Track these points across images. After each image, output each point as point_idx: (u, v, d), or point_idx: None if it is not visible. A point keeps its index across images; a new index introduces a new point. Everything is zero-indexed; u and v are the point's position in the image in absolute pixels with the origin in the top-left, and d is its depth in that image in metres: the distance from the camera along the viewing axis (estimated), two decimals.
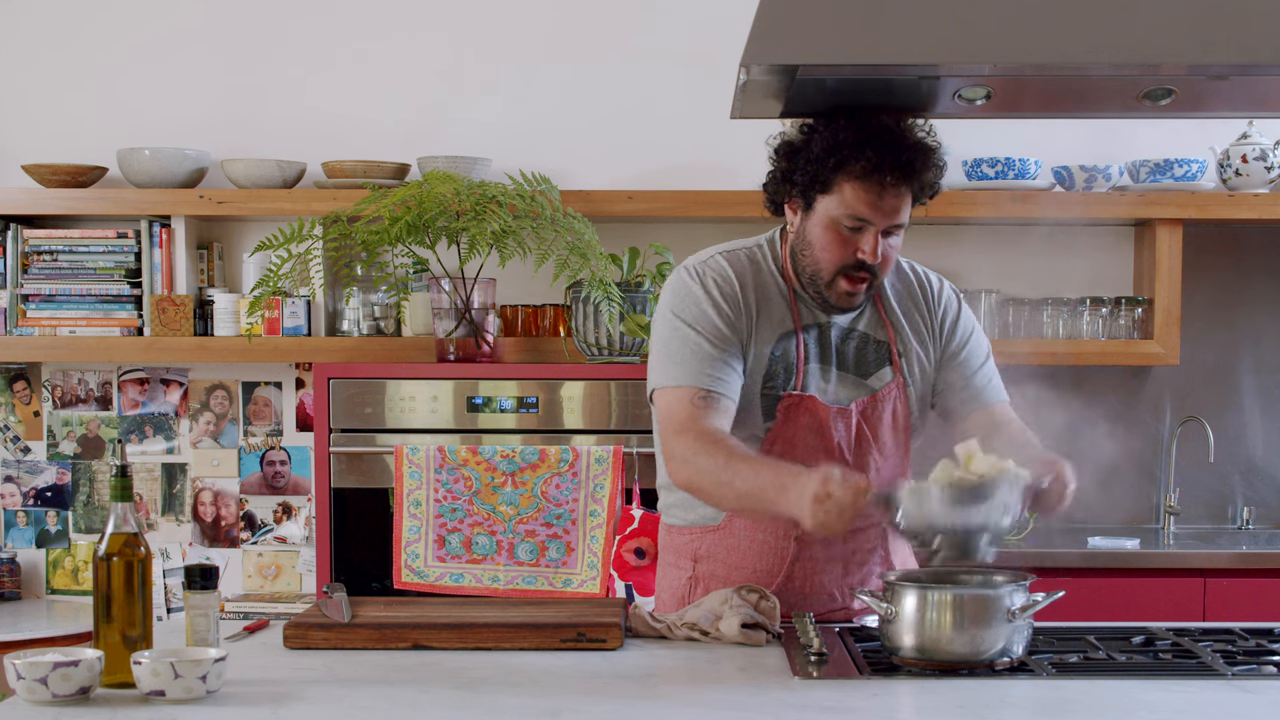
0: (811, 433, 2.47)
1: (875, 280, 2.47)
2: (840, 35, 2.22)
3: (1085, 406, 4.22)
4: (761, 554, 2.51)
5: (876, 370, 2.54)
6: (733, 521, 2.52)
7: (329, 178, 4.08)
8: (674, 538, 2.61)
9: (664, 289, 2.54)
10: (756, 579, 2.51)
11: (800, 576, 2.51)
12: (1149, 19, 2.20)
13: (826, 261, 2.44)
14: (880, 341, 2.55)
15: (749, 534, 2.51)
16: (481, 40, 4.24)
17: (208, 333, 4.13)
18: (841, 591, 2.53)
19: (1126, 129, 4.13)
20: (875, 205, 2.40)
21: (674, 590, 2.60)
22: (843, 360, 2.52)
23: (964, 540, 2.14)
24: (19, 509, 4.32)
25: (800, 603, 2.50)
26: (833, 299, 2.47)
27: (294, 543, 4.28)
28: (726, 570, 2.53)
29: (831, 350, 2.52)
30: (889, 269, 2.49)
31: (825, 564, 2.52)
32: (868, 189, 2.39)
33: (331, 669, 2.14)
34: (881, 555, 2.57)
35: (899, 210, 2.42)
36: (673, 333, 2.46)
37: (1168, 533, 4.11)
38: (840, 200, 2.41)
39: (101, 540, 2.06)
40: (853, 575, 2.54)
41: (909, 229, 2.51)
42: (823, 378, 2.50)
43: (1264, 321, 4.24)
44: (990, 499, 2.13)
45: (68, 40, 4.29)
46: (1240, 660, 2.18)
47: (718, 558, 2.54)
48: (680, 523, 2.59)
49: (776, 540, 2.50)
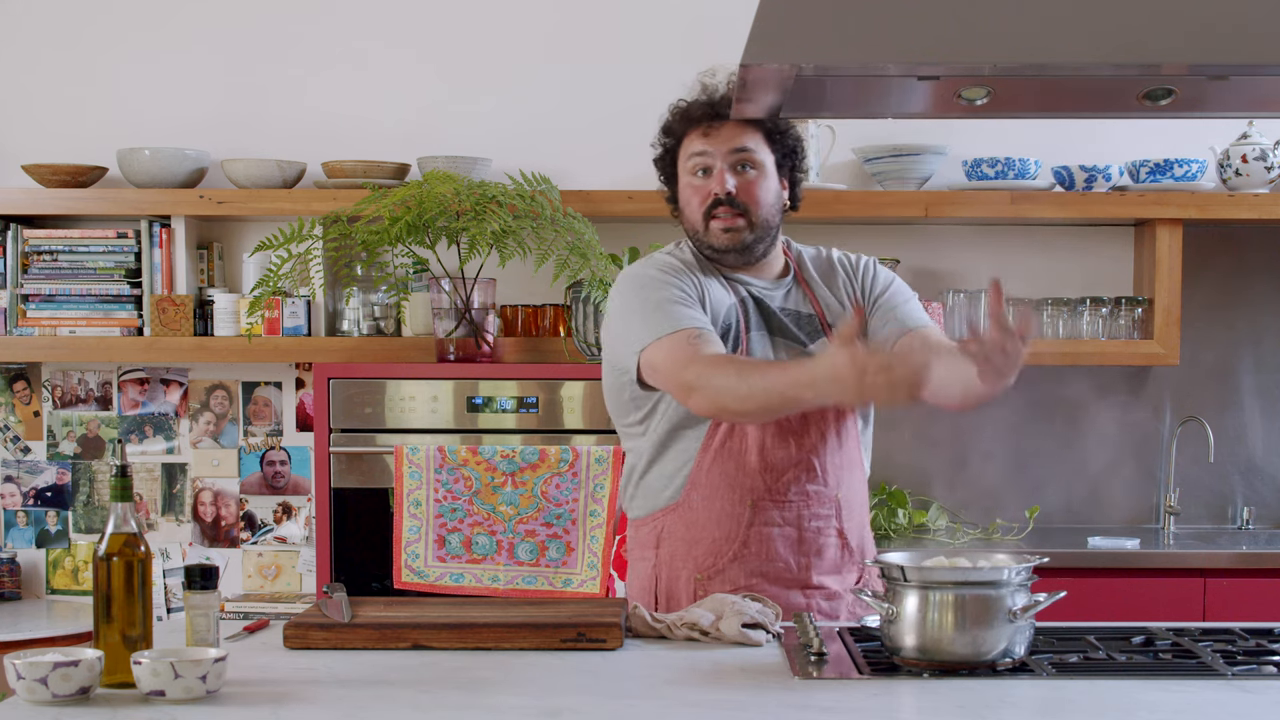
0: None
1: (749, 217, 2.59)
2: (840, 35, 2.22)
3: (1085, 406, 4.25)
4: (719, 522, 2.57)
5: (813, 341, 2.64)
6: (690, 496, 2.59)
7: (329, 178, 4.08)
8: (637, 531, 2.69)
9: (611, 294, 2.66)
10: (715, 548, 2.57)
11: (756, 542, 2.57)
12: (1149, 19, 2.20)
13: (693, 210, 2.62)
14: (809, 315, 2.66)
15: (706, 505, 2.58)
16: (481, 40, 4.24)
17: (208, 333, 4.13)
18: (798, 561, 2.59)
19: (1126, 129, 4.14)
20: (708, 135, 2.59)
21: (641, 583, 2.66)
22: (783, 330, 2.63)
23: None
24: (19, 509, 4.32)
25: (758, 570, 2.57)
26: (715, 243, 2.61)
27: (294, 543, 4.28)
28: (687, 546, 2.60)
29: (769, 321, 2.63)
30: (758, 204, 2.60)
31: (780, 529, 2.57)
32: (698, 126, 2.60)
33: (331, 669, 2.14)
34: (837, 528, 2.62)
35: (736, 138, 2.59)
36: (640, 302, 2.57)
37: (1168, 533, 4.11)
38: (684, 154, 2.63)
39: (101, 540, 2.06)
40: (808, 544, 2.59)
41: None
42: (767, 345, 2.61)
43: (1264, 321, 4.24)
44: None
45: (68, 40, 4.29)
46: (1240, 660, 2.18)
47: (677, 535, 2.61)
48: (642, 514, 2.67)
49: (733, 507, 2.57)
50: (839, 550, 2.63)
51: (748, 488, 2.56)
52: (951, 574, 2.12)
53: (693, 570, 2.60)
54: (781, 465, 2.56)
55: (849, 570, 2.65)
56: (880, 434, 4.20)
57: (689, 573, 2.60)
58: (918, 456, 4.25)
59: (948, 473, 4.25)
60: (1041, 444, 4.26)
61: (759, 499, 2.57)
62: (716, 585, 2.57)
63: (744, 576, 2.57)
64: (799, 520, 2.59)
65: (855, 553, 2.66)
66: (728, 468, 2.56)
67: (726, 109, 2.58)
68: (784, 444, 2.56)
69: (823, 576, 2.61)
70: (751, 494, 2.57)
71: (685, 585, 2.60)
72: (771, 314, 2.64)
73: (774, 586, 2.57)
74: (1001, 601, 2.09)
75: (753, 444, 2.56)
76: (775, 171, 2.64)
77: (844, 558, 2.63)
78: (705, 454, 2.58)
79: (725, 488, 2.57)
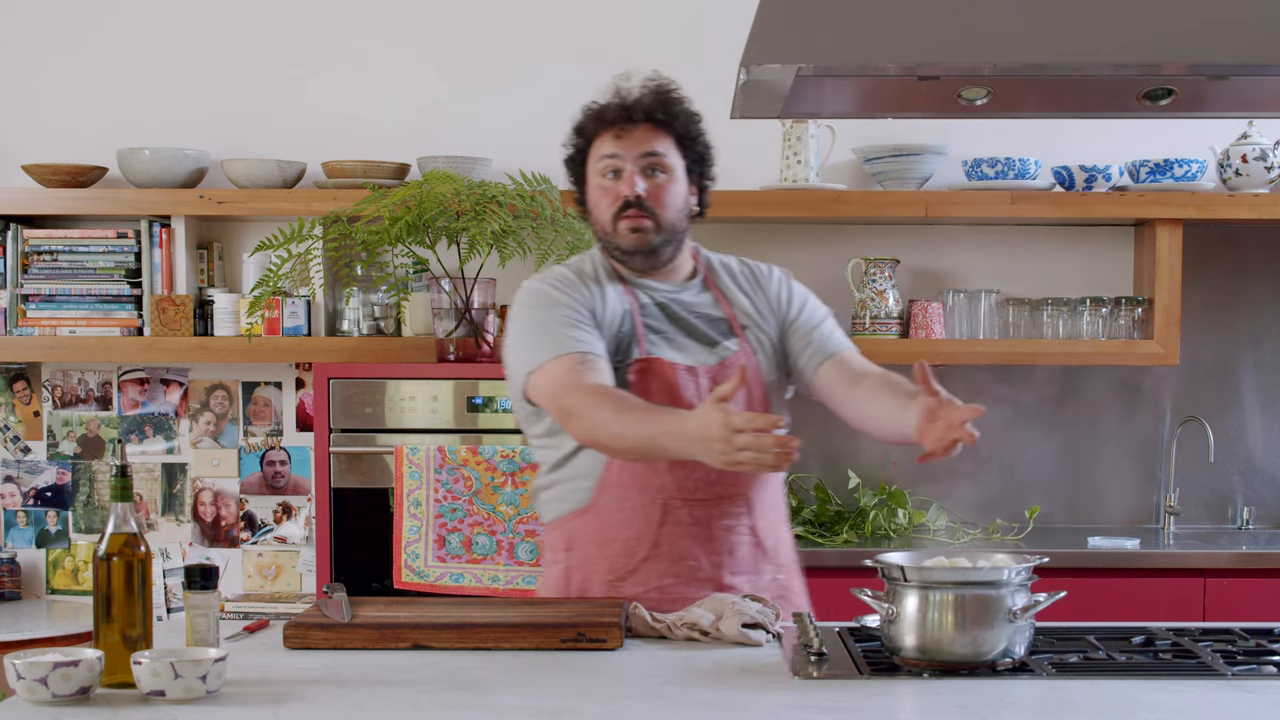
0: (664, 394, 2.56)
1: (657, 219, 2.60)
2: (840, 35, 2.22)
3: (1085, 406, 4.24)
4: (630, 523, 2.57)
5: (723, 340, 2.64)
6: (601, 498, 2.59)
7: (329, 178, 4.08)
8: (550, 534, 2.69)
9: (511, 306, 2.67)
10: (626, 549, 2.57)
11: (668, 542, 2.57)
12: (1149, 19, 2.20)
13: (602, 212, 2.63)
14: (719, 317, 2.67)
15: (617, 506, 2.58)
16: (481, 40, 4.24)
17: (208, 333, 4.13)
18: (710, 560, 2.59)
19: (1126, 129, 4.14)
20: (620, 138, 2.60)
21: (553, 586, 2.67)
22: (690, 331, 2.64)
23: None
24: (19, 509, 4.32)
25: (671, 570, 2.57)
26: (623, 244, 2.62)
27: (294, 543, 4.28)
28: (599, 549, 2.60)
29: (676, 324, 2.63)
30: (666, 208, 2.61)
31: (690, 529, 2.57)
32: (609, 129, 2.61)
33: (331, 669, 2.14)
34: (749, 527, 2.62)
35: (647, 142, 2.60)
36: (530, 321, 2.59)
37: (1168, 533, 4.11)
38: (595, 155, 2.64)
39: (101, 540, 2.06)
40: (719, 542, 2.59)
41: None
42: (670, 347, 2.61)
43: (1264, 321, 4.24)
44: None
45: (68, 40, 4.29)
46: (1240, 660, 2.18)
47: (588, 537, 2.61)
48: (553, 517, 2.67)
49: (644, 508, 2.57)
50: (752, 549, 2.63)
51: (658, 488, 2.56)
52: (951, 574, 2.12)
53: (605, 572, 2.59)
54: (691, 464, 2.53)
55: (764, 569, 2.65)
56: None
57: (602, 575, 2.60)
58: (917, 457, 4.24)
59: (948, 473, 4.25)
60: (1041, 444, 4.26)
61: (670, 499, 2.56)
62: (629, 587, 2.57)
63: (656, 577, 2.57)
64: (710, 519, 2.59)
65: (770, 551, 2.66)
66: (638, 469, 2.56)
67: (640, 113, 2.60)
68: None
69: (735, 576, 2.60)
70: (662, 494, 2.56)
71: (598, 587, 2.60)
72: (679, 317, 2.64)
73: (687, 587, 2.57)
74: (1001, 601, 2.09)
75: None
76: (685, 177, 2.65)
77: (757, 556, 2.63)
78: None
79: (636, 489, 2.57)
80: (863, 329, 4.07)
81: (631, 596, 2.55)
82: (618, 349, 2.59)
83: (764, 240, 4.24)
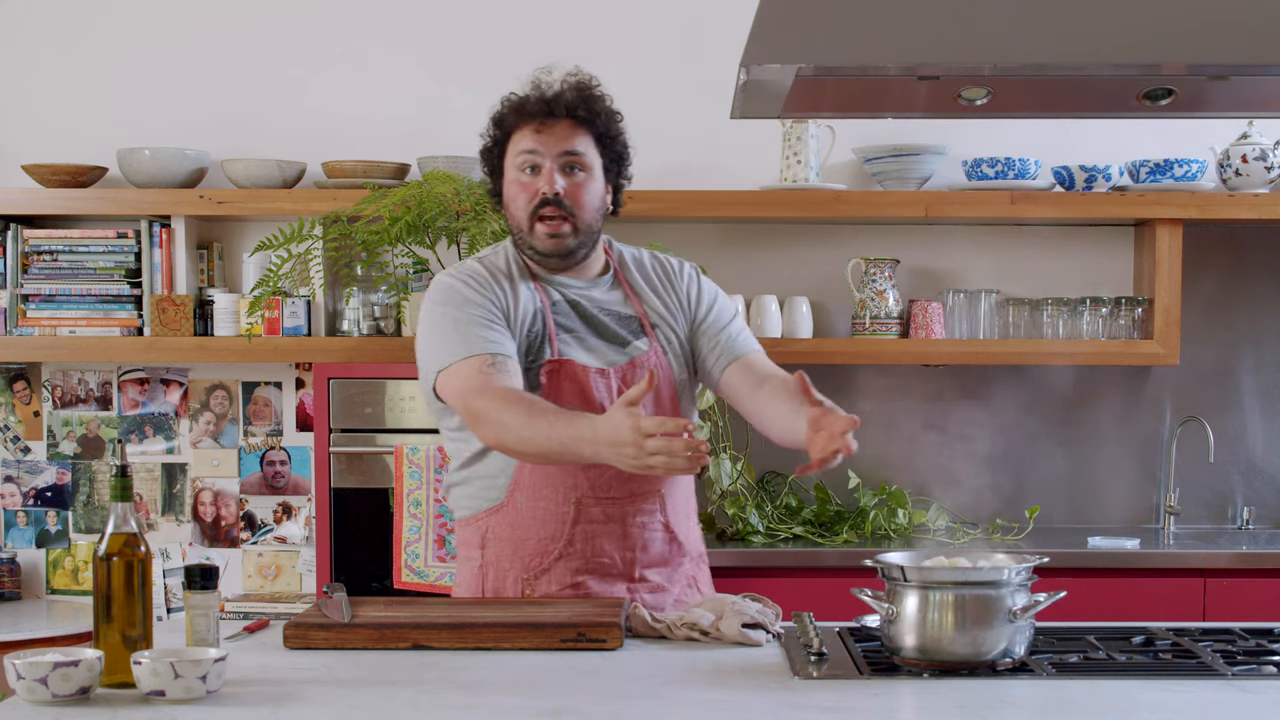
0: (575, 396, 2.57)
1: (575, 220, 2.60)
2: (840, 35, 2.22)
3: (1085, 406, 4.24)
4: (544, 521, 2.58)
5: (634, 340, 2.65)
6: (514, 495, 2.60)
7: (329, 178, 4.08)
8: (464, 530, 2.69)
9: (424, 300, 2.68)
10: (540, 546, 2.58)
11: (582, 540, 2.58)
12: (1149, 19, 2.20)
13: (519, 209, 2.63)
14: (630, 315, 2.67)
15: (530, 504, 2.59)
16: (481, 40, 4.23)
17: (208, 333, 4.13)
18: (624, 556, 2.60)
19: (1126, 129, 4.14)
20: (538, 135, 2.60)
21: (467, 584, 2.67)
22: (600, 330, 2.64)
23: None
24: (19, 509, 4.32)
25: (585, 567, 2.58)
26: (539, 246, 2.62)
27: (294, 543, 4.28)
28: (513, 547, 2.61)
29: (587, 323, 2.64)
30: (584, 207, 2.62)
31: (604, 525, 2.58)
32: (528, 124, 2.61)
33: (331, 669, 2.14)
34: (663, 522, 2.63)
35: (568, 140, 2.60)
36: (441, 319, 2.59)
37: (1168, 533, 4.11)
38: (513, 149, 2.63)
39: (101, 540, 2.06)
40: (633, 538, 2.61)
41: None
42: (581, 347, 2.62)
43: (1264, 321, 4.24)
44: None
45: (68, 40, 4.29)
46: (1240, 660, 2.18)
47: (503, 536, 2.61)
48: (468, 513, 2.67)
49: (557, 505, 2.58)
50: (666, 543, 2.65)
51: (571, 486, 2.57)
52: (951, 574, 2.12)
53: (520, 570, 2.60)
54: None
55: (678, 562, 2.68)
56: (880, 433, 4.23)
57: (516, 573, 2.61)
58: (917, 456, 4.25)
59: (948, 473, 4.25)
60: (1041, 444, 4.26)
61: (583, 497, 2.58)
62: (543, 584, 2.58)
63: (570, 574, 2.58)
64: (623, 516, 2.60)
65: (683, 544, 2.68)
66: (550, 467, 2.56)
67: (561, 108, 2.60)
68: None
69: (649, 570, 2.63)
70: (575, 492, 2.57)
71: (513, 585, 2.61)
72: (590, 315, 2.65)
73: (601, 583, 2.59)
74: (1001, 601, 2.09)
75: None
76: (602, 175, 2.66)
77: (671, 550, 2.66)
78: None
79: (549, 487, 2.58)
80: (863, 329, 4.07)
81: (545, 594, 2.57)
82: (529, 349, 2.60)
83: (764, 240, 4.24)
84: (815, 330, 4.15)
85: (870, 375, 4.24)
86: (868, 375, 4.24)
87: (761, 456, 4.15)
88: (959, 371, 4.21)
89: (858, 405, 4.24)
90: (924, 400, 4.25)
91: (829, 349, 4.04)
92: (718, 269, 4.08)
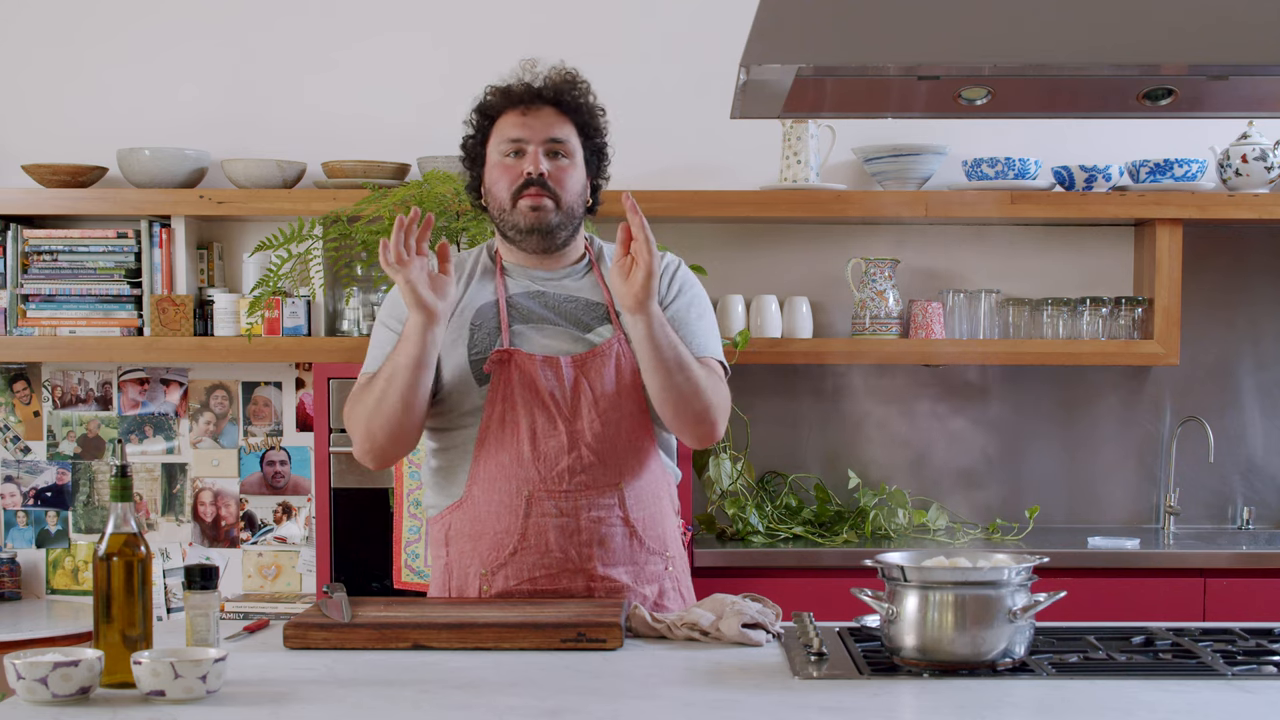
0: (523, 386, 2.57)
1: (558, 199, 2.64)
2: (840, 35, 2.22)
3: (1085, 406, 4.25)
4: (499, 516, 2.58)
5: (597, 327, 2.64)
6: (471, 490, 2.60)
7: (329, 178, 4.08)
8: (432, 529, 2.70)
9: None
10: (496, 541, 2.57)
11: (534, 535, 2.56)
12: (1149, 19, 2.20)
13: (501, 190, 2.65)
14: (597, 303, 2.67)
15: (486, 498, 2.58)
16: (481, 40, 4.23)
17: (208, 333, 4.13)
18: (579, 552, 2.57)
19: (1126, 129, 4.14)
20: (523, 122, 2.65)
21: (436, 582, 2.68)
22: (564, 317, 2.65)
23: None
24: (19, 509, 4.32)
25: (539, 563, 2.56)
26: (521, 222, 2.64)
27: (294, 543, 4.28)
28: (473, 543, 2.60)
29: (551, 310, 2.65)
30: (567, 190, 2.66)
31: (556, 520, 2.56)
32: (514, 110, 2.67)
33: (331, 669, 2.14)
34: (622, 518, 2.59)
35: (552, 126, 2.65)
36: (376, 327, 2.71)
37: (1168, 533, 4.11)
38: (498, 137, 2.67)
39: (101, 540, 2.06)
40: (587, 534, 2.57)
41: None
42: (540, 335, 2.62)
43: (1264, 321, 4.25)
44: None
45: (68, 40, 4.29)
46: (1240, 660, 2.18)
47: (464, 532, 2.61)
48: (434, 511, 2.68)
49: (510, 500, 2.57)
50: (626, 539, 2.59)
51: (523, 479, 2.55)
52: (951, 574, 2.12)
53: (479, 566, 2.59)
54: (554, 454, 2.54)
55: (647, 561, 2.62)
56: (880, 433, 4.24)
57: (476, 569, 2.60)
58: (917, 457, 4.25)
59: (948, 473, 4.26)
60: (1041, 444, 4.26)
61: (534, 491, 2.55)
62: (500, 581, 2.57)
63: (527, 569, 2.56)
64: (576, 511, 2.57)
65: (651, 542, 2.63)
66: (502, 460, 2.56)
67: (547, 94, 2.65)
68: (554, 431, 2.56)
69: (610, 568, 2.58)
70: (526, 485, 2.55)
71: (473, 582, 2.60)
72: (554, 303, 2.66)
73: (559, 579, 2.56)
74: (1001, 601, 2.09)
75: (524, 433, 2.56)
76: (584, 165, 2.69)
77: (635, 548, 2.60)
78: (480, 446, 2.58)
79: (502, 480, 2.57)
80: (863, 329, 4.07)
81: (504, 590, 2.56)
82: (474, 340, 2.61)
83: (764, 240, 4.24)
84: (815, 330, 4.15)
85: (870, 375, 4.25)
86: (868, 375, 4.24)
87: (761, 456, 4.15)
88: (959, 371, 4.21)
89: (858, 405, 4.24)
90: (924, 400, 4.25)
91: (829, 349, 4.04)
92: (718, 269, 4.08)
